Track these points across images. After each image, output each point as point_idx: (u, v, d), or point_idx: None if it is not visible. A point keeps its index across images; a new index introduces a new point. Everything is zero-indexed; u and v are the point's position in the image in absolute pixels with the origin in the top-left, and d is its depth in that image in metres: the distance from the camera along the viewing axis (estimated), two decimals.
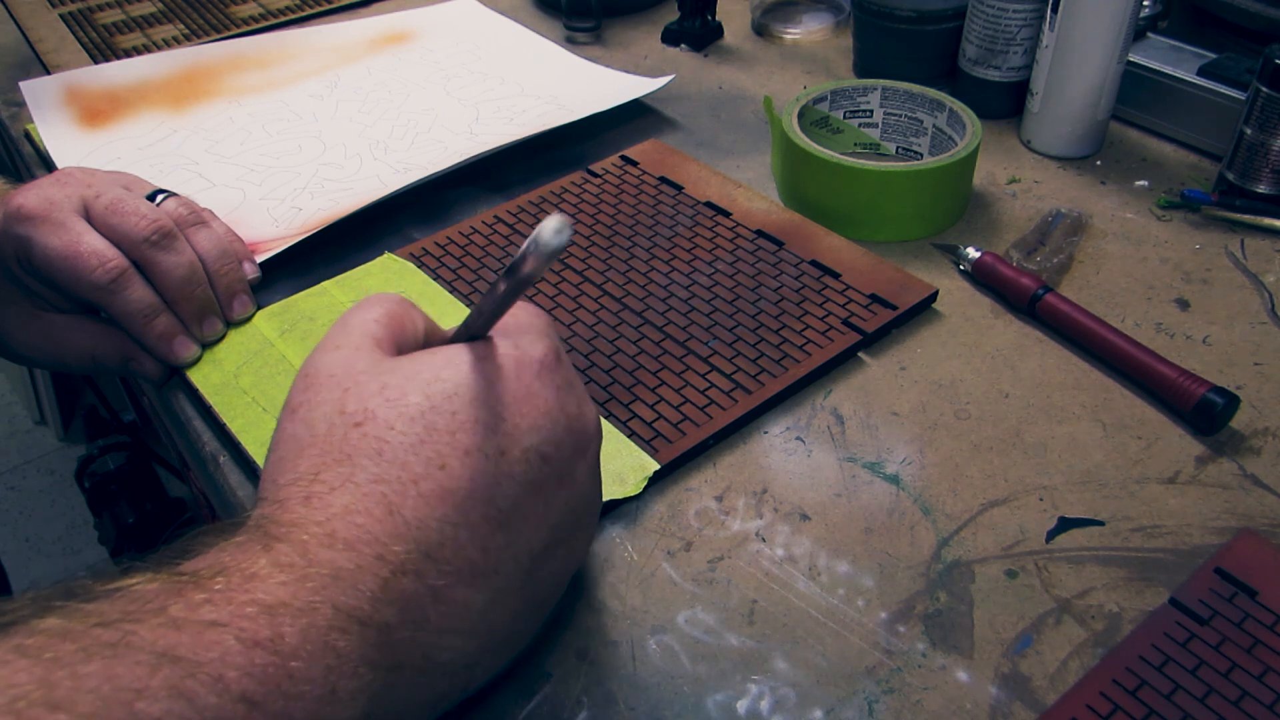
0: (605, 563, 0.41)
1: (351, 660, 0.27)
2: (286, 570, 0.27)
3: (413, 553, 0.29)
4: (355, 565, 0.28)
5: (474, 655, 0.31)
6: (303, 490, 0.29)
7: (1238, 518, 0.42)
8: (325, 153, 0.66)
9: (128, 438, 1.46)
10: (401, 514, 0.29)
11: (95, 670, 0.23)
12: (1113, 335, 0.49)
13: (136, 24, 0.85)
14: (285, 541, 0.28)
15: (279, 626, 0.26)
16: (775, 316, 0.51)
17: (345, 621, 0.27)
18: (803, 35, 0.81)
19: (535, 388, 0.32)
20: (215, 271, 0.51)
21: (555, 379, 0.33)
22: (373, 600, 0.28)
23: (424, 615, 0.29)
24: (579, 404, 0.34)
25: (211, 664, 0.24)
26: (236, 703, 0.24)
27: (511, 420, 0.31)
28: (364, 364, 0.32)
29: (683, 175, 0.62)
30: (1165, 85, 0.64)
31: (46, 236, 0.46)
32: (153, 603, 0.25)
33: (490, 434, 0.31)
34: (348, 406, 0.31)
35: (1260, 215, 0.58)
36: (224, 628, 0.25)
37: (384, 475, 0.30)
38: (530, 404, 0.32)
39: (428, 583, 0.29)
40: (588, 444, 0.34)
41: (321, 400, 0.31)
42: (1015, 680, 0.36)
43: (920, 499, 0.43)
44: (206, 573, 0.26)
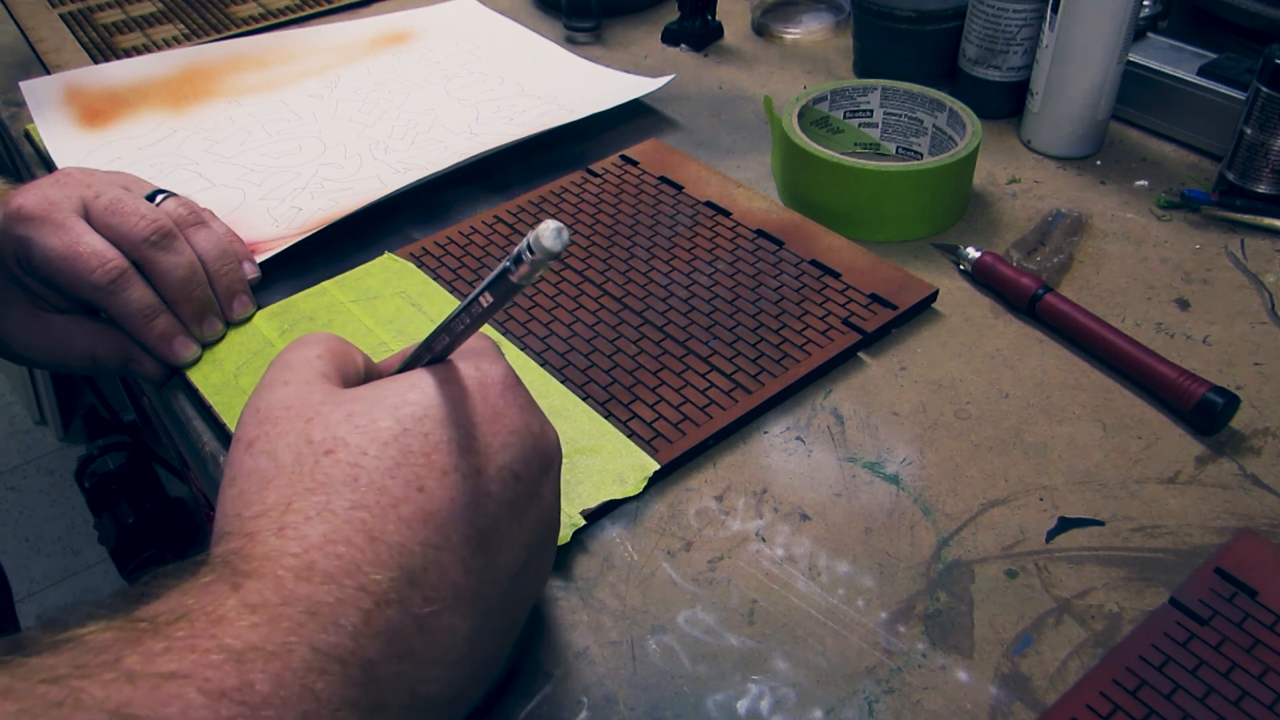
0: (605, 563, 0.41)
1: (331, 703, 0.25)
2: (258, 610, 0.25)
3: (397, 580, 0.28)
4: (335, 599, 0.26)
5: (460, 685, 0.30)
6: (274, 522, 0.28)
7: (1238, 518, 0.42)
8: (325, 153, 0.66)
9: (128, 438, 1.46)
10: (384, 540, 0.28)
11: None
12: (1113, 335, 0.49)
13: (136, 24, 0.85)
14: (256, 577, 0.26)
15: (248, 674, 0.24)
16: (775, 316, 0.51)
17: (324, 662, 0.25)
18: (803, 35, 0.81)
19: (501, 406, 0.32)
20: (215, 272, 0.51)
21: (518, 398, 0.33)
22: (355, 635, 0.26)
23: (409, 647, 0.28)
24: (541, 423, 0.34)
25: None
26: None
27: (484, 439, 0.31)
28: (320, 395, 0.31)
29: (683, 175, 0.62)
30: (1165, 85, 0.64)
31: (46, 237, 0.46)
32: (106, 654, 0.23)
33: (465, 453, 0.30)
34: (314, 435, 0.30)
35: (1260, 215, 0.58)
36: (185, 679, 0.23)
37: (362, 501, 0.28)
38: (499, 423, 0.32)
39: (413, 612, 0.28)
40: (551, 462, 0.34)
41: (282, 432, 0.30)
42: (1015, 680, 0.36)
43: (920, 499, 0.43)
44: (167, 618, 0.25)
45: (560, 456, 0.35)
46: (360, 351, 0.35)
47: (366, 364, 0.35)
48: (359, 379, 0.34)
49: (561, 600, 0.39)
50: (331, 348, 0.34)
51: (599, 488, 0.43)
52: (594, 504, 0.42)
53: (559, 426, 0.45)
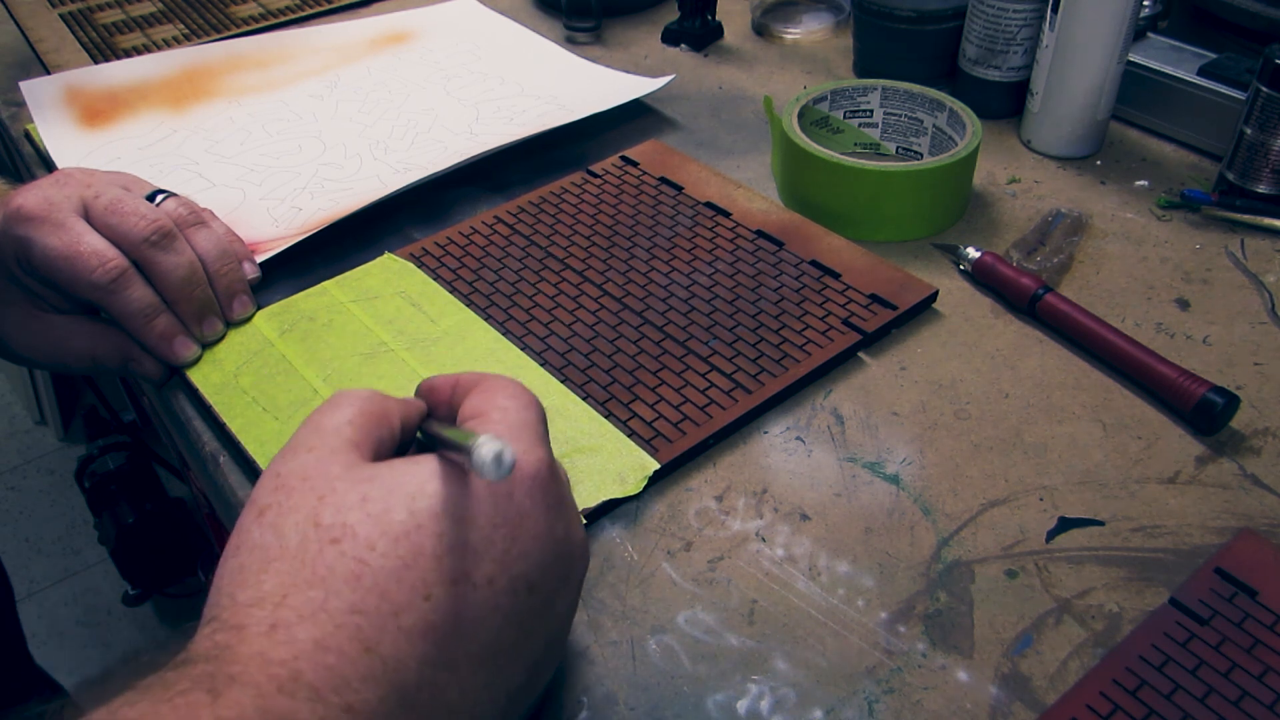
0: (605, 563, 0.41)
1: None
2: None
3: (387, 699, 0.26)
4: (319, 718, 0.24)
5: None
6: (267, 616, 0.26)
7: (1238, 518, 0.42)
8: (325, 153, 0.66)
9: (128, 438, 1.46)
10: (378, 652, 0.26)
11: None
12: (1113, 335, 0.49)
13: (136, 24, 0.85)
14: (238, 684, 0.24)
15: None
16: (775, 316, 0.51)
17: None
18: (803, 35, 0.81)
19: (527, 508, 0.29)
20: (215, 271, 0.51)
21: (547, 497, 0.30)
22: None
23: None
24: (568, 526, 0.31)
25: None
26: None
27: (501, 545, 0.29)
28: (339, 469, 0.29)
29: (683, 175, 0.62)
30: (1165, 85, 0.64)
31: (46, 237, 0.46)
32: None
33: (480, 560, 0.28)
34: (323, 518, 0.28)
35: (1260, 215, 0.58)
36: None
37: (362, 605, 0.26)
38: (521, 526, 0.29)
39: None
40: (572, 571, 0.31)
41: (293, 506, 0.28)
42: (1015, 680, 0.36)
43: (920, 499, 0.43)
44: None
45: (585, 564, 0.33)
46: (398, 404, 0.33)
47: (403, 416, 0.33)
48: (392, 443, 0.32)
49: None
50: (365, 410, 0.31)
51: (599, 487, 0.43)
52: (594, 503, 0.42)
53: (559, 426, 0.45)
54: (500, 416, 0.31)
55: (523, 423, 0.31)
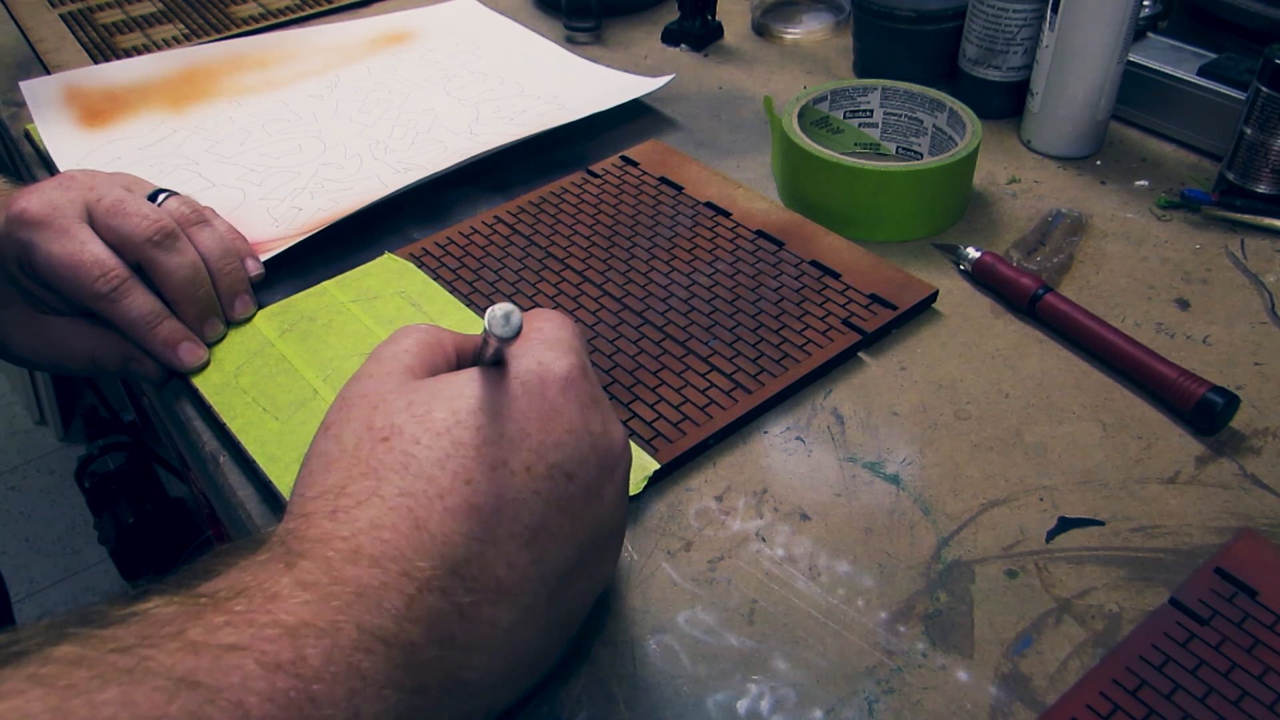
0: None
1: (376, 682, 0.26)
2: (310, 589, 0.27)
3: (439, 569, 0.29)
4: (380, 582, 0.27)
5: (500, 675, 0.31)
6: (329, 504, 0.29)
7: (1238, 518, 0.42)
8: (325, 153, 0.66)
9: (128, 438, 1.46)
10: (428, 529, 0.29)
11: (112, 697, 0.23)
12: (1113, 335, 0.49)
13: (136, 24, 0.85)
14: (309, 558, 0.27)
15: (301, 648, 0.25)
16: (775, 316, 0.51)
17: (370, 641, 0.26)
18: (803, 35, 0.81)
19: (559, 404, 0.32)
20: (218, 270, 0.51)
21: (580, 396, 0.33)
22: (398, 619, 0.27)
23: (450, 634, 0.29)
24: (604, 422, 0.34)
25: (231, 689, 0.24)
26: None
27: (536, 436, 0.31)
28: (393, 385, 0.32)
29: (683, 175, 0.62)
30: (1165, 85, 0.64)
31: (49, 243, 0.46)
32: (170, 626, 0.25)
33: (515, 450, 0.31)
34: (375, 423, 0.31)
35: (1260, 215, 0.58)
36: (244, 651, 0.25)
37: (410, 489, 0.29)
38: (554, 420, 0.32)
39: (454, 600, 0.29)
40: (614, 463, 0.34)
41: (351, 418, 0.32)
42: (1015, 680, 0.36)
43: (920, 499, 0.43)
44: (226, 594, 0.26)
45: (627, 458, 0.35)
46: (453, 337, 0.36)
47: (459, 346, 0.36)
48: (448, 369, 0.35)
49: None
50: (421, 340, 0.35)
51: None
52: None
53: None
54: (537, 335, 0.34)
55: (557, 338, 0.34)
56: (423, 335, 0.35)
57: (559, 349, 0.33)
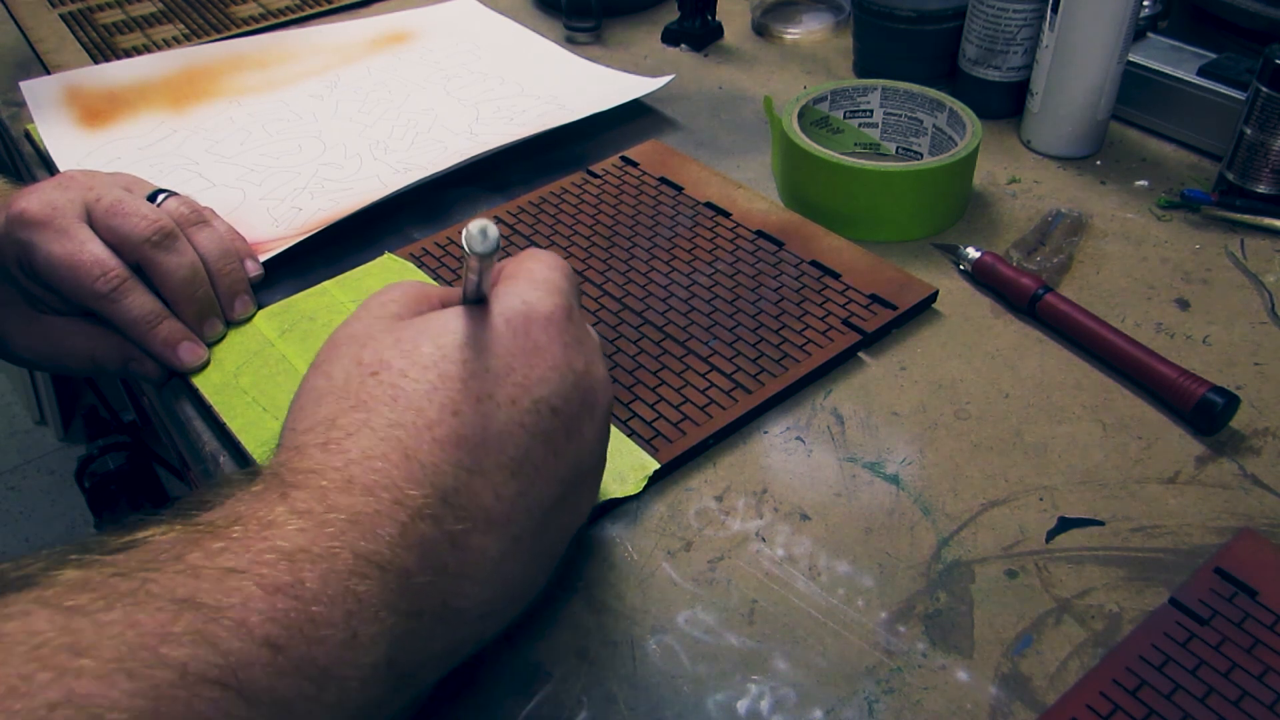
0: (605, 563, 0.41)
1: (372, 605, 0.27)
2: (304, 517, 0.27)
3: (430, 497, 0.29)
4: (373, 510, 0.28)
5: (489, 604, 0.31)
6: (320, 436, 0.30)
7: (1238, 518, 0.42)
8: (325, 153, 0.66)
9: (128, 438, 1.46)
10: (418, 458, 0.30)
11: (117, 618, 0.23)
12: (1113, 335, 0.49)
13: (136, 24, 0.85)
14: (303, 489, 0.28)
15: (299, 572, 0.26)
16: (775, 316, 0.51)
17: (365, 566, 0.27)
18: (803, 35, 0.81)
19: (543, 341, 0.33)
20: (217, 271, 0.51)
21: (564, 335, 0.34)
22: (391, 545, 0.28)
23: (442, 561, 0.29)
24: (587, 361, 0.35)
25: (233, 609, 0.25)
26: (260, 647, 0.25)
27: (520, 371, 0.32)
28: (381, 326, 0.33)
29: (683, 176, 0.62)
30: (1165, 85, 0.64)
31: (49, 243, 0.46)
32: (170, 551, 0.25)
33: (500, 383, 0.32)
34: (364, 358, 0.32)
35: (1260, 215, 0.58)
36: (243, 574, 0.25)
37: (400, 420, 0.30)
38: (538, 357, 0.33)
39: (445, 528, 0.30)
40: (595, 402, 0.35)
41: (340, 355, 0.33)
42: (1015, 680, 0.36)
43: (920, 499, 0.43)
44: (223, 522, 0.27)
45: (609, 396, 0.36)
46: (440, 291, 0.37)
47: (444, 300, 0.37)
48: None
49: (561, 600, 0.39)
50: (408, 291, 0.36)
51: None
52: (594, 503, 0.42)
53: None
54: (526, 275, 0.35)
55: (545, 279, 0.35)
56: (409, 287, 0.36)
57: (545, 289, 0.35)
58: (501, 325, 0.33)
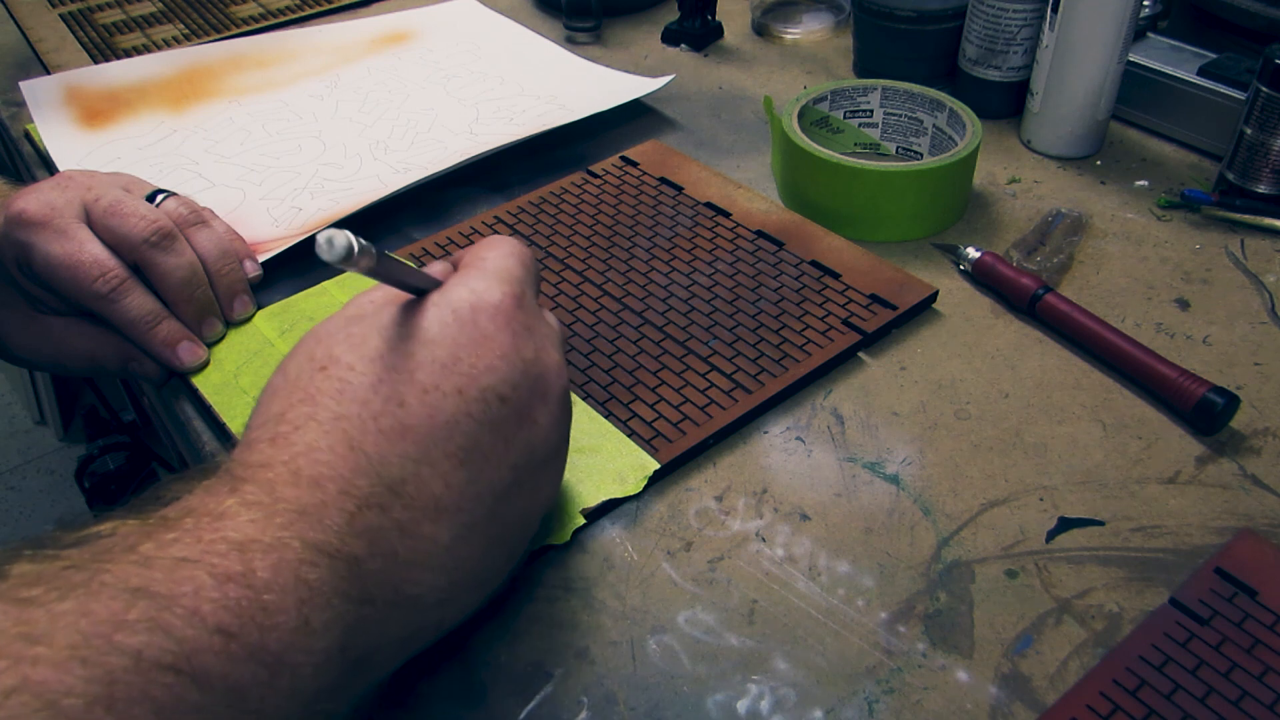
0: (605, 563, 0.41)
1: (323, 592, 0.28)
2: (254, 508, 0.28)
3: (376, 487, 0.30)
4: (320, 500, 0.29)
5: (444, 591, 0.32)
6: (269, 432, 0.31)
7: (1238, 518, 0.42)
8: (325, 153, 0.66)
9: (128, 438, 1.46)
10: (363, 450, 0.30)
11: (71, 608, 0.24)
12: (1113, 335, 0.49)
13: (136, 24, 0.85)
14: (252, 482, 0.29)
15: (250, 562, 0.26)
16: (775, 316, 0.51)
17: (314, 555, 0.28)
18: (803, 35, 0.81)
19: (490, 331, 0.34)
20: (216, 271, 0.51)
21: (513, 323, 0.34)
22: (340, 534, 0.29)
23: (392, 549, 0.30)
24: (537, 349, 0.35)
25: (186, 597, 0.25)
26: (213, 634, 0.25)
27: (467, 361, 0.33)
28: (340, 323, 0.34)
29: (683, 176, 0.62)
30: (1165, 85, 0.64)
31: (48, 244, 0.46)
32: (123, 544, 0.26)
33: (447, 373, 0.32)
34: (316, 354, 0.33)
35: (1260, 215, 0.58)
36: (195, 564, 0.26)
37: (345, 413, 0.31)
38: (486, 346, 0.33)
39: (393, 517, 0.30)
40: (547, 389, 0.35)
41: (297, 353, 0.33)
42: (1015, 680, 0.36)
43: (920, 499, 0.43)
44: (175, 514, 0.27)
45: (562, 382, 0.36)
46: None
47: None
48: None
49: (561, 600, 0.39)
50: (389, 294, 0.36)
51: (599, 487, 0.43)
52: (594, 503, 0.42)
53: None
54: (479, 264, 0.36)
55: (497, 268, 0.35)
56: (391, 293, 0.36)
57: (495, 278, 0.35)
58: (449, 316, 0.33)
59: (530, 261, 0.38)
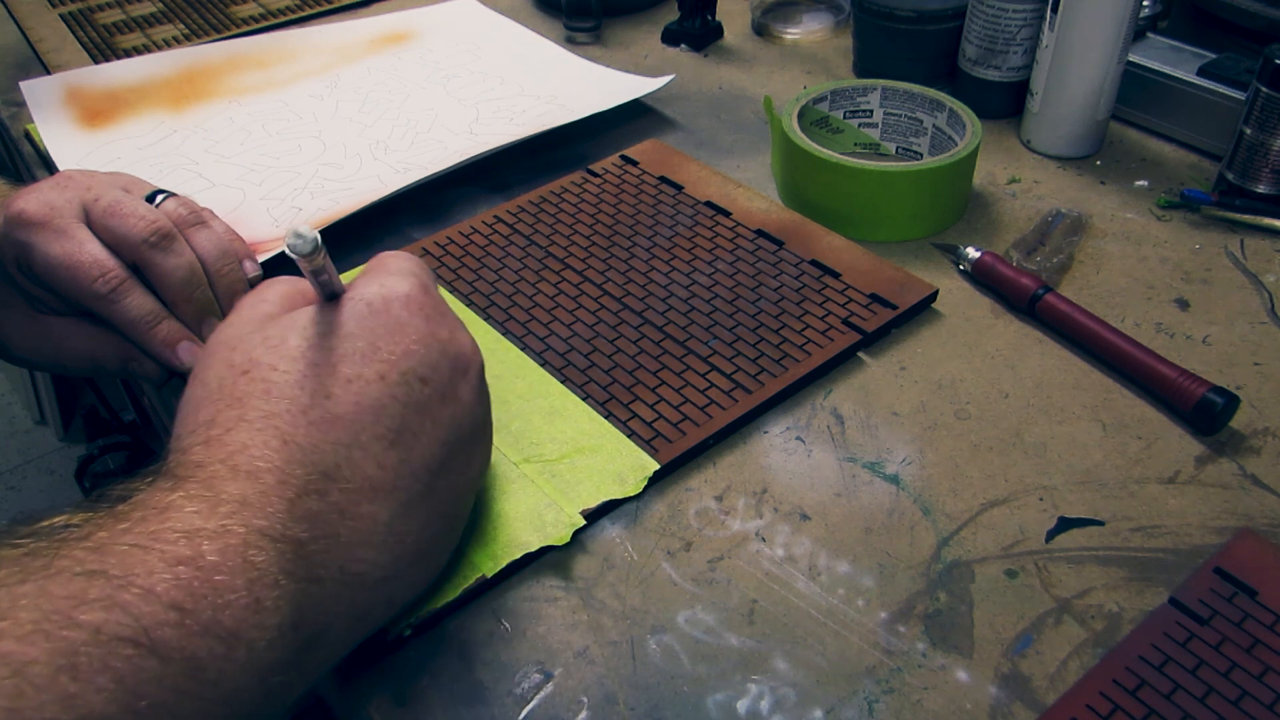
0: (605, 563, 0.41)
1: (271, 573, 0.29)
2: (197, 501, 0.29)
3: (312, 475, 0.31)
4: (260, 491, 0.30)
5: (388, 568, 0.33)
6: (201, 437, 0.32)
7: (1238, 518, 0.42)
8: (325, 153, 0.66)
9: (128, 438, 1.46)
10: (296, 442, 0.32)
11: (30, 590, 0.25)
12: (1113, 335, 0.49)
13: (136, 24, 0.85)
14: (192, 480, 0.30)
15: (198, 547, 0.28)
16: (775, 316, 0.51)
17: (259, 539, 0.29)
18: (803, 35, 0.81)
19: (404, 318, 0.35)
20: (215, 272, 0.51)
21: (423, 309, 0.36)
22: (282, 520, 0.30)
23: (333, 530, 0.31)
24: (451, 331, 0.37)
25: (140, 578, 0.26)
26: (168, 609, 0.26)
27: (385, 349, 0.34)
28: (251, 328, 0.35)
29: (683, 175, 0.62)
30: (1165, 85, 0.64)
31: (48, 244, 0.46)
32: (77, 533, 0.27)
33: (368, 362, 0.34)
34: (235, 360, 0.34)
35: (1260, 215, 0.58)
36: (147, 550, 0.27)
37: (273, 410, 0.32)
38: (401, 333, 0.35)
39: (331, 500, 0.31)
40: (466, 366, 0.37)
41: (213, 363, 0.34)
42: (1015, 680, 0.36)
43: (920, 499, 0.43)
44: (124, 508, 0.29)
45: (477, 360, 0.38)
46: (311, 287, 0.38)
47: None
48: None
49: (561, 600, 0.39)
50: (283, 291, 0.37)
51: (599, 487, 0.43)
52: (594, 504, 0.42)
53: (559, 426, 0.45)
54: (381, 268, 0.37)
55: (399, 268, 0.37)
56: (285, 286, 0.38)
57: (399, 275, 0.37)
58: (363, 309, 0.35)
59: (426, 267, 0.39)
